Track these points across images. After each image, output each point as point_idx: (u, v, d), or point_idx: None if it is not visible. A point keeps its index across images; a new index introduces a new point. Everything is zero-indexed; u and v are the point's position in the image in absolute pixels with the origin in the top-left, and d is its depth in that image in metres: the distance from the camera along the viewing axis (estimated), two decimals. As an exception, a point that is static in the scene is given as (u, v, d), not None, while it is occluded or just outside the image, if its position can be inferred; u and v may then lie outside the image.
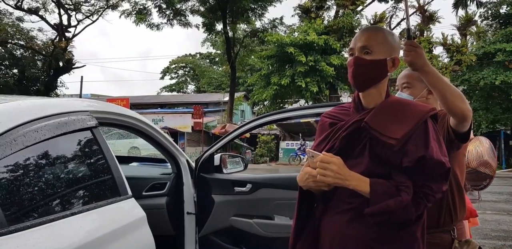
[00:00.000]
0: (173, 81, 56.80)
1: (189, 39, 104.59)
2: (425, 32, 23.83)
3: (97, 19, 27.57)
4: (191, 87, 57.11)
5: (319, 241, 1.80)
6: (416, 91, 2.29)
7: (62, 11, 26.52)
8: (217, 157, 3.52)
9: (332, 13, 25.36)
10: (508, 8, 24.24)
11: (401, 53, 1.92)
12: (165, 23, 24.86)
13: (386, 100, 1.77)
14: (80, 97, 25.77)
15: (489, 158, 3.64)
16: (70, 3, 26.91)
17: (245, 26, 26.20)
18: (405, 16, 22.99)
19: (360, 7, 24.61)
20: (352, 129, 1.74)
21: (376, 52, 1.74)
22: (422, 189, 1.61)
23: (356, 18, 24.10)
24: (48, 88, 26.67)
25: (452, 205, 2.14)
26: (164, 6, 24.17)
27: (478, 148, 3.70)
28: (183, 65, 56.34)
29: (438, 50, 45.22)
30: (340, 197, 1.72)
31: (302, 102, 26.36)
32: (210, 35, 26.54)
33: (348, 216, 1.70)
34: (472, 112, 1.99)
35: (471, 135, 3.90)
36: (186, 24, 25.18)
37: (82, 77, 33.22)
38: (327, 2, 25.16)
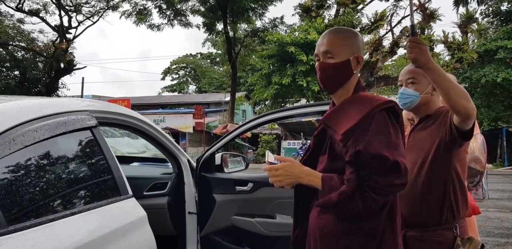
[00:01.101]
0: (174, 81, 56.86)
1: (189, 39, 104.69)
2: (426, 30, 23.77)
3: (98, 20, 27.61)
4: (192, 87, 57.17)
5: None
6: (421, 87, 2.26)
7: (62, 13, 26.55)
8: (218, 156, 3.52)
9: (332, 12, 25.35)
10: (509, 5, 24.20)
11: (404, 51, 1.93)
12: (166, 23, 24.89)
13: (348, 97, 1.83)
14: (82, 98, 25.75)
15: (480, 154, 3.64)
16: (71, 5, 26.93)
17: (246, 25, 26.19)
18: (405, 14, 22.87)
19: (361, 6, 24.56)
20: (319, 128, 1.88)
21: (338, 54, 1.80)
22: (367, 183, 1.62)
23: (356, 16, 24.07)
24: (49, 90, 26.70)
25: (455, 202, 2.12)
26: (164, 6, 24.18)
27: (472, 144, 3.71)
28: (184, 65, 56.35)
29: (439, 48, 45.22)
30: (316, 192, 1.83)
31: (303, 101, 26.35)
32: (211, 35, 26.54)
33: (318, 209, 1.80)
34: (476, 109, 1.99)
35: (476, 131, 3.91)
36: (187, 24, 25.19)
37: (83, 78, 33.31)
38: (328, 1, 25.12)
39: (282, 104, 25.31)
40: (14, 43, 26.40)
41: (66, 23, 27.05)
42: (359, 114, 1.71)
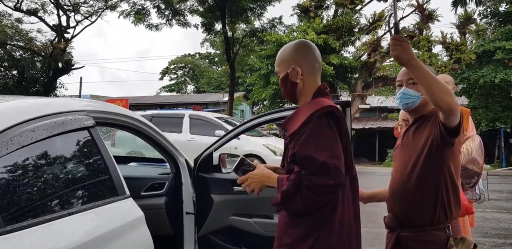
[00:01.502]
0: (173, 81, 56.80)
1: (187, 39, 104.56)
2: (424, 30, 23.78)
3: (96, 20, 27.58)
4: (190, 87, 57.13)
5: None
6: (421, 88, 2.23)
7: (61, 12, 26.53)
8: (216, 156, 3.52)
9: (331, 12, 25.32)
10: (507, 6, 24.22)
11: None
12: (164, 23, 24.85)
13: (304, 103, 1.99)
14: (79, 98, 25.74)
15: (477, 156, 3.65)
16: (69, 4, 26.91)
17: (244, 26, 26.16)
18: (404, 15, 22.87)
19: (359, 6, 24.56)
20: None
21: (280, 71, 2.05)
22: (304, 182, 1.76)
23: (355, 17, 24.06)
24: (47, 89, 26.66)
25: (447, 203, 2.13)
26: (163, 6, 24.14)
27: (469, 145, 3.72)
28: (182, 65, 56.29)
29: (438, 49, 45.28)
30: None
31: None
32: (209, 35, 26.50)
33: None
34: (472, 110, 2.02)
35: (473, 132, 3.90)
36: (185, 24, 25.14)
37: (81, 78, 33.27)
38: (326, 2, 25.10)
39: (281, 105, 25.29)
40: (12, 43, 26.37)
41: (64, 23, 27.05)
42: (302, 118, 1.85)
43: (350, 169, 1.92)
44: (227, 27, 23.46)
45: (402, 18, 25.09)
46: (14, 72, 27.61)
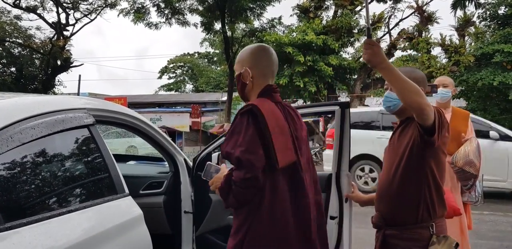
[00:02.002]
0: (171, 80, 56.76)
1: (186, 38, 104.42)
2: (424, 32, 23.81)
3: (95, 17, 27.53)
4: (189, 86, 57.07)
5: None
6: None
7: (60, 10, 26.46)
8: (214, 156, 3.51)
9: (330, 13, 25.31)
10: (507, 9, 24.25)
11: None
12: (164, 22, 24.84)
13: None
14: (78, 95, 25.69)
15: (474, 158, 3.66)
16: (68, 2, 26.85)
17: (244, 25, 26.17)
18: (403, 17, 22.88)
19: (359, 7, 24.57)
20: None
21: (236, 69, 2.19)
22: (232, 177, 1.92)
23: (354, 18, 24.07)
24: (46, 87, 26.61)
25: (430, 202, 2.17)
26: (162, 5, 24.13)
27: (466, 147, 3.73)
28: (181, 64, 56.24)
29: (437, 51, 45.20)
30: None
31: (300, 102, 26.35)
32: (209, 35, 26.53)
33: None
34: (471, 113, 2.04)
35: (471, 134, 3.90)
36: (185, 23, 25.14)
37: (80, 75, 33.09)
38: (326, 2, 25.12)
39: (279, 105, 25.27)
40: (11, 40, 26.30)
41: (63, 20, 26.99)
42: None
43: (284, 163, 1.97)
44: (226, 27, 23.47)
45: (401, 20, 25.15)
46: (13, 69, 27.55)
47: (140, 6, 24.07)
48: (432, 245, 2.11)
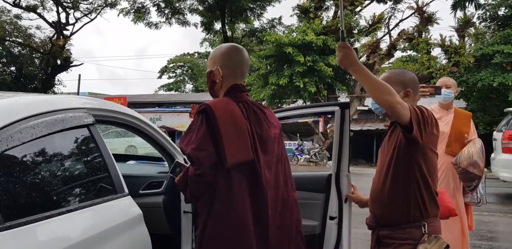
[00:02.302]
0: (171, 80, 56.76)
1: (186, 38, 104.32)
2: (424, 33, 23.82)
3: (95, 17, 27.53)
4: (189, 86, 57.07)
5: None
6: None
7: (60, 9, 26.47)
8: (214, 156, 3.50)
9: (330, 13, 25.34)
10: (506, 10, 24.26)
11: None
12: (164, 22, 24.85)
13: None
14: (78, 95, 25.67)
15: (478, 159, 3.65)
16: (68, 1, 26.85)
17: (244, 25, 26.19)
18: (403, 17, 22.88)
19: (359, 8, 24.59)
20: None
21: (208, 66, 2.31)
22: (187, 171, 2.05)
23: (354, 18, 24.09)
24: (45, 86, 26.61)
25: (421, 202, 2.18)
26: (162, 5, 24.14)
27: (470, 148, 3.72)
28: (181, 64, 56.23)
29: (436, 52, 45.29)
30: None
31: (300, 102, 26.35)
32: (209, 35, 26.54)
33: None
34: (472, 113, 2.04)
35: (474, 135, 3.89)
36: (185, 23, 25.16)
37: (79, 75, 33.10)
38: (326, 3, 25.13)
39: (279, 105, 25.31)
40: (11, 39, 26.31)
41: (63, 20, 26.99)
42: None
43: (234, 161, 2.01)
44: (226, 27, 23.46)
45: (401, 20, 25.18)
46: (12, 68, 27.55)
47: (140, 5, 24.06)
48: (422, 244, 2.12)
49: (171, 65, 56.20)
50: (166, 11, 24.55)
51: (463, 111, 4.33)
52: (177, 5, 24.44)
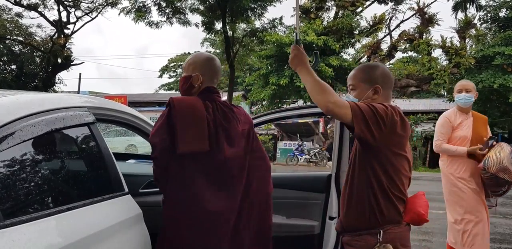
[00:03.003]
0: (172, 79, 56.74)
1: (186, 37, 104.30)
2: (424, 34, 23.82)
3: (96, 16, 27.51)
4: (189, 86, 56.89)
5: None
6: (361, 93, 2.26)
7: (61, 8, 26.45)
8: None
9: (331, 14, 25.35)
10: (508, 11, 24.27)
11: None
12: (165, 21, 24.81)
13: None
14: (78, 94, 25.65)
15: (509, 164, 3.60)
16: (70, 0, 26.84)
17: (245, 25, 26.15)
18: (404, 18, 22.87)
19: (360, 9, 24.59)
20: None
21: (186, 71, 2.51)
22: None
23: (355, 19, 24.09)
24: (46, 85, 26.60)
25: (377, 207, 2.09)
26: (163, 4, 24.11)
27: (499, 154, 3.67)
28: (181, 63, 56.14)
29: (437, 53, 45.30)
30: None
31: (300, 102, 26.36)
32: (209, 34, 26.51)
33: None
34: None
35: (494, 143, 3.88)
36: (185, 23, 25.12)
37: (80, 74, 33.13)
38: (327, 3, 25.13)
39: (279, 105, 25.31)
40: (11, 37, 26.29)
41: (64, 19, 26.97)
42: None
43: (185, 150, 2.17)
44: (227, 27, 23.44)
45: (402, 21, 25.15)
46: (13, 66, 27.54)
47: (141, 5, 24.05)
48: None
49: (172, 64, 56.23)
50: (167, 11, 24.50)
51: (480, 115, 4.33)
52: (178, 4, 24.39)
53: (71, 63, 27.46)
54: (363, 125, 1.98)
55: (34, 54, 27.45)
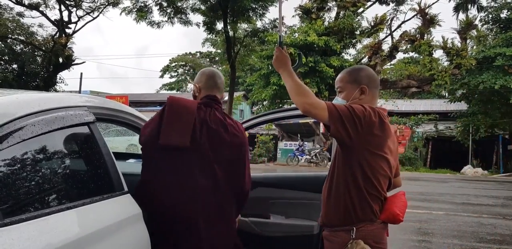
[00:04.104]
0: (173, 79, 56.82)
1: (187, 37, 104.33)
2: (426, 35, 23.82)
3: (98, 16, 27.53)
4: (190, 86, 57.05)
5: None
6: (348, 94, 2.34)
7: (62, 7, 26.47)
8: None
9: (333, 14, 25.36)
10: (509, 12, 24.27)
11: None
12: (166, 21, 24.82)
13: None
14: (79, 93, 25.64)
15: None
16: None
17: (246, 25, 26.16)
18: (405, 19, 22.87)
19: (361, 9, 24.58)
20: None
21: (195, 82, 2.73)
22: None
23: (356, 19, 24.09)
24: (47, 84, 26.62)
25: (351, 205, 2.15)
26: (165, 4, 24.12)
27: None
28: (183, 63, 56.30)
29: (438, 54, 45.23)
30: None
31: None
32: (211, 34, 26.51)
33: None
34: (471, 116, 2.01)
35: None
36: (187, 22, 25.13)
37: (81, 73, 33.14)
38: (328, 3, 25.14)
39: (280, 105, 25.32)
40: (13, 37, 26.30)
41: (66, 18, 26.98)
42: None
43: (165, 142, 2.34)
44: (228, 27, 23.45)
45: (403, 22, 25.15)
46: (14, 66, 27.55)
47: (142, 4, 24.06)
48: None
49: (173, 64, 56.27)
50: (168, 10, 24.51)
51: None
52: (179, 4, 24.41)
53: (72, 63, 27.48)
54: (339, 125, 2.07)
55: (36, 53, 27.47)
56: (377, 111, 2.17)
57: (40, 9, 26.65)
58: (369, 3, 25.22)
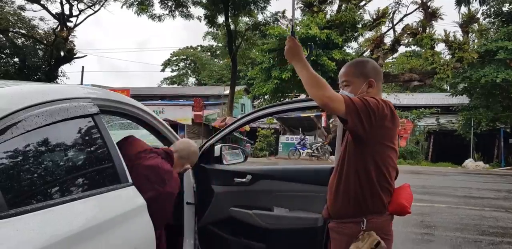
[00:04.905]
0: (174, 73, 56.76)
1: (188, 30, 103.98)
2: (428, 28, 23.71)
3: (99, 9, 27.47)
4: (191, 79, 57.12)
5: None
6: (356, 88, 2.30)
7: (64, 1, 26.41)
8: (217, 148, 3.53)
9: (334, 7, 25.25)
10: (511, 6, 24.15)
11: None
12: (167, 14, 24.78)
13: None
14: (81, 87, 25.60)
15: None
16: (72, -7, 26.80)
17: (247, 19, 26.10)
18: (408, 12, 22.77)
19: (363, 2, 24.47)
20: None
21: None
22: None
23: (358, 13, 23.99)
24: (49, 78, 26.62)
25: (361, 197, 2.15)
26: (166, -3, 24.10)
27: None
28: (184, 57, 56.20)
29: (440, 47, 45.14)
30: None
31: (303, 96, 26.33)
32: (212, 28, 26.48)
33: None
34: (473, 110, 2.00)
35: None
36: (188, 16, 25.10)
37: (83, 67, 33.16)
38: (330, -3, 25.04)
39: (282, 99, 25.28)
40: (14, 30, 26.29)
41: (67, 11, 26.93)
42: None
43: None
44: (230, 20, 23.39)
45: (406, 15, 25.03)
46: (16, 59, 27.55)
47: (144, -2, 24.01)
48: (356, 242, 2.10)
49: (174, 58, 56.17)
50: (170, 4, 24.48)
51: None
52: (181, -3, 24.37)
53: (74, 56, 27.47)
54: (356, 118, 2.04)
55: (37, 47, 27.46)
56: (388, 103, 2.16)
57: (41, 2, 26.61)
58: (371, -4, 25.08)
